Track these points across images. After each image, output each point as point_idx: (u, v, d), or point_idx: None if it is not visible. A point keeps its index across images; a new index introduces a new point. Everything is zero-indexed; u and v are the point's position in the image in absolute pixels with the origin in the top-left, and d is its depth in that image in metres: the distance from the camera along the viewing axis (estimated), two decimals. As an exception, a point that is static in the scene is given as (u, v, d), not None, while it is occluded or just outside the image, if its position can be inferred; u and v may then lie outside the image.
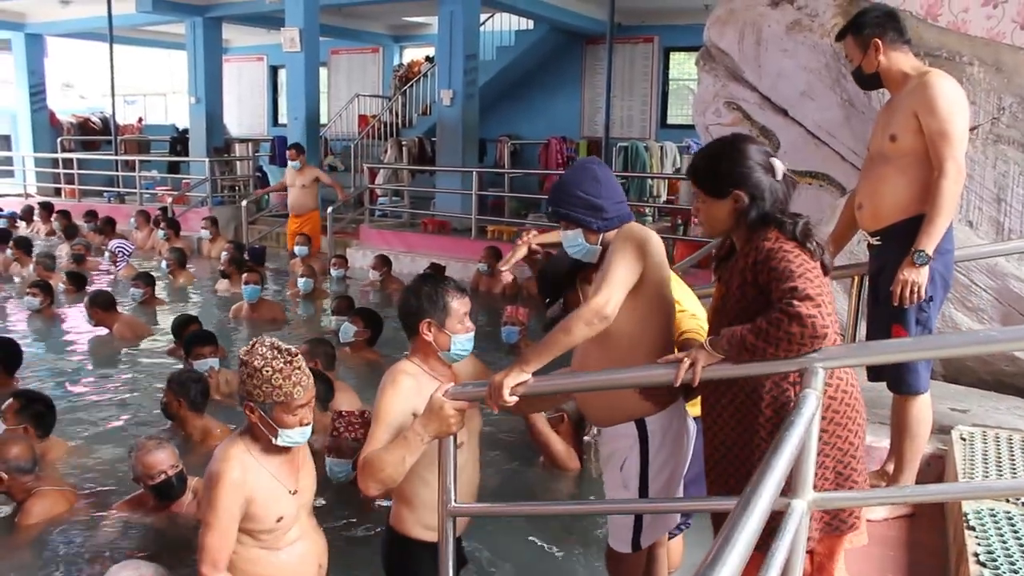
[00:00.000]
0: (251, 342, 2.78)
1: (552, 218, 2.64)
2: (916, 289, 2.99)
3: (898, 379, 3.14)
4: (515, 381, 2.36)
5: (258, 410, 2.70)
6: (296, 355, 2.75)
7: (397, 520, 2.80)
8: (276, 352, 2.71)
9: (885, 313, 3.14)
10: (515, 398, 2.37)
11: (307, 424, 2.79)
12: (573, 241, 2.60)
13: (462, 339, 2.71)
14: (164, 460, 3.70)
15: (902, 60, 3.16)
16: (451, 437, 2.53)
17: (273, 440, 2.75)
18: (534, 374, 2.40)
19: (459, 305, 2.70)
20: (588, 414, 2.80)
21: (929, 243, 2.97)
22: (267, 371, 2.67)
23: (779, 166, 2.32)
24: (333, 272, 9.93)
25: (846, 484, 2.33)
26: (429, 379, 2.67)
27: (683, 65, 15.67)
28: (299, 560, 2.90)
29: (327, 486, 3.97)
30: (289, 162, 10.72)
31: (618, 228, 2.56)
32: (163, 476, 3.69)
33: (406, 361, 2.75)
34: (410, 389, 2.64)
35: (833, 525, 2.38)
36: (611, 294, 2.35)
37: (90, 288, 8.61)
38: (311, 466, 3.02)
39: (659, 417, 2.61)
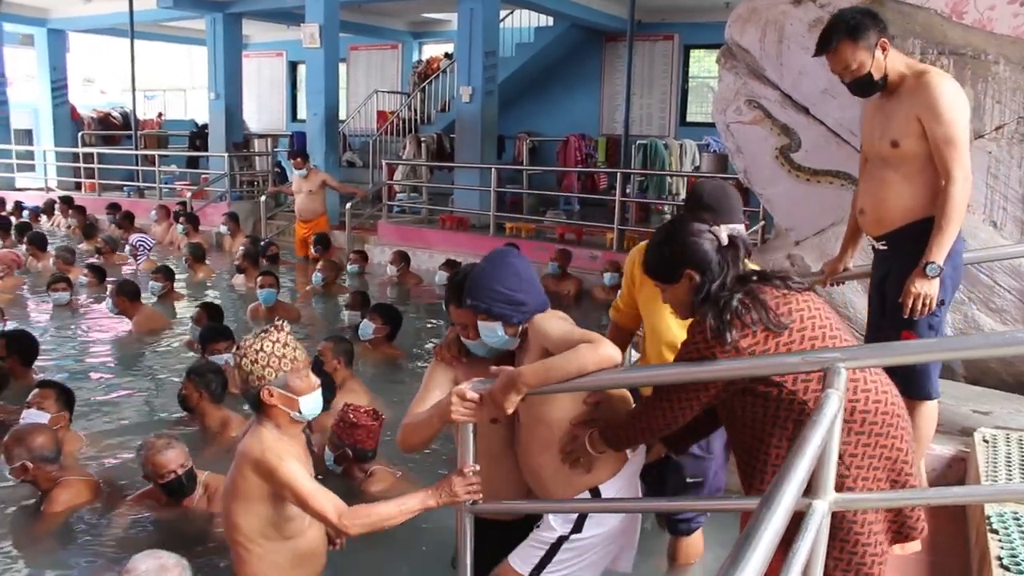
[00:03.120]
0: (235, 346, 2.89)
1: (471, 310, 2.65)
2: (928, 301, 2.94)
3: (914, 384, 3.06)
4: (516, 400, 2.41)
5: (276, 389, 2.82)
6: (279, 323, 2.90)
7: None
8: (263, 332, 2.87)
9: (895, 319, 3.08)
10: (512, 408, 2.44)
11: (317, 387, 2.92)
12: (492, 333, 2.64)
13: (468, 344, 2.79)
14: (173, 459, 3.72)
15: (897, 59, 3.07)
16: (469, 433, 2.55)
17: (295, 414, 2.87)
18: None
19: (453, 312, 2.78)
20: (541, 488, 2.75)
21: (940, 254, 2.92)
22: (268, 346, 2.82)
23: (723, 233, 2.32)
24: (350, 267, 9.96)
25: (900, 478, 2.30)
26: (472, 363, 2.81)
27: (703, 62, 15.59)
28: (314, 545, 3.07)
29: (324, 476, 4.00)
30: (295, 170, 10.73)
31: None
32: (172, 475, 3.71)
33: None
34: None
35: (903, 533, 2.34)
36: (606, 341, 2.43)
37: (110, 280, 8.68)
38: (311, 455, 3.19)
39: (615, 481, 2.67)
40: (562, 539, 2.65)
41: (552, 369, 2.40)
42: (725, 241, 2.31)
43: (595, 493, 2.63)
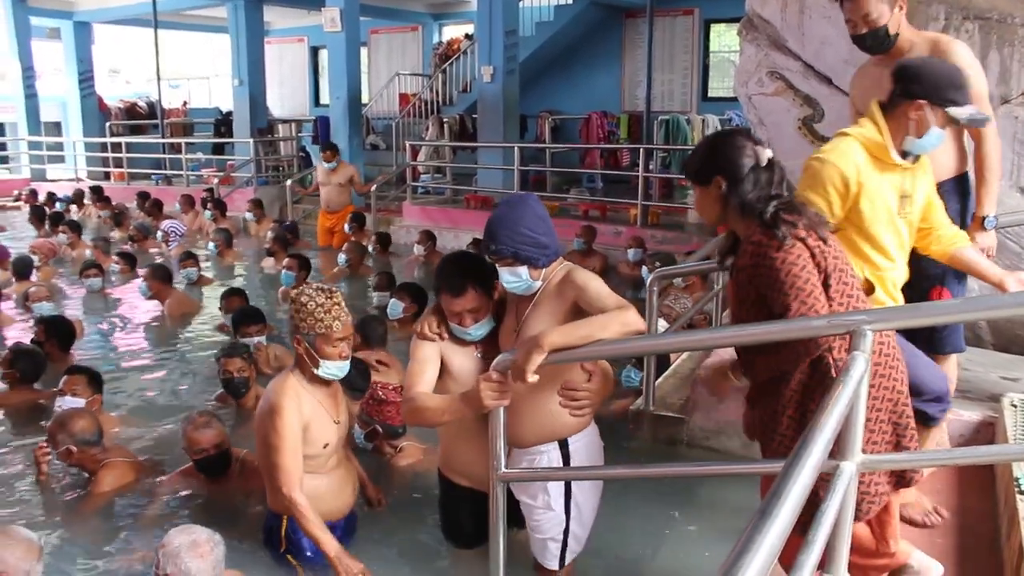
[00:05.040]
0: (300, 287, 3.21)
1: (495, 255, 2.68)
2: (991, 253, 3.04)
3: (942, 340, 3.15)
4: (537, 363, 2.43)
5: (304, 342, 3.19)
6: (335, 292, 3.22)
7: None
8: (319, 291, 3.19)
9: (923, 277, 3.12)
10: (536, 377, 2.46)
11: (345, 358, 3.25)
12: (516, 277, 2.68)
13: (456, 329, 2.88)
14: (208, 439, 3.82)
15: (906, 25, 3.11)
16: (501, 415, 2.61)
17: (315, 370, 3.20)
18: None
19: (445, 302, 2.84)
20: (516, 436, 2.83)
21: (992, 205, 3.05)
22: (311, 305, 3.14)
23: (763, 153, 2.34)
24: (372, 250, 10.02)
25: (906, 433, 2.35)
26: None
27: (724, 37, 15.46)
28: (339, 484, 3.42)
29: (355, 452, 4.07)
30: (324, 163, 10.77)
31: (554, 261, 2.72)
32: (204, 453, 3.83)
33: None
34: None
35: (906, 477, 2.40)
36: (633, 309, 2.48)
37: (140, 268, 8.81)
38: (346, 403, 3.52)
39: (582, 435, 2.81)
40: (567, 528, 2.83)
41: (576, 333, 2.44)
42: (764, 162, 2.33)
43: (563, 444, 2.79)
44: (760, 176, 2.31)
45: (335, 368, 3.24)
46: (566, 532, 2.85)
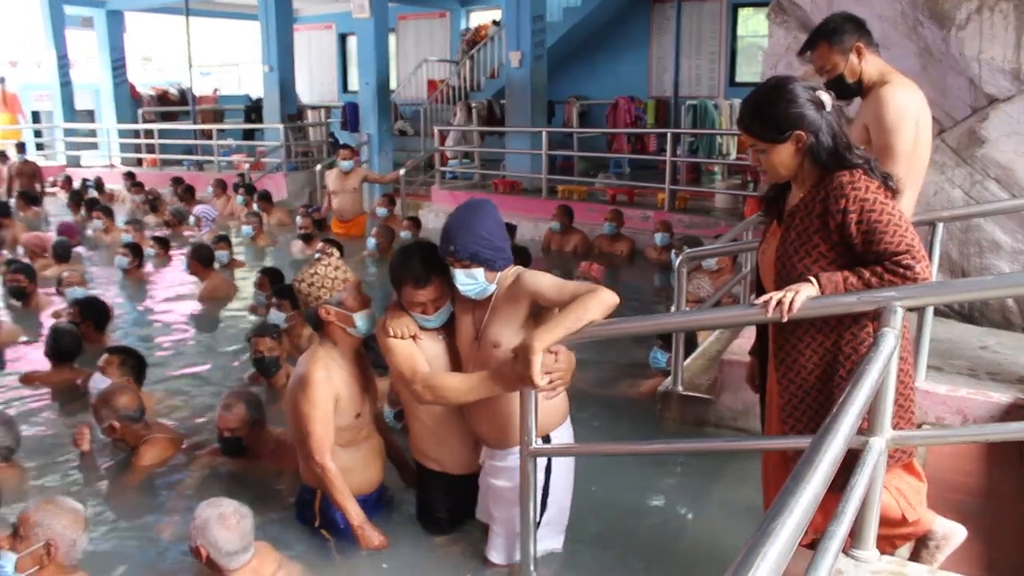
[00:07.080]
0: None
1: (453, 256, 2.73)
2: None
3: None
4: (539, 366, 2.48)
5: (332, 307, 3.20)
6: (330, 250, 3.23)
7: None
8: (317, 259, 3.30)
9: None
10: (548, 378, 2.54)
11: (369, 305, 3.27)
12: (472, 280, 2.74)
13: (418, 318, 2.98)
14: (232, 421, 3.89)
15: (873, 67, 3.15)
16: (532, 396, 2.65)
17: (351, 330, 3.22)
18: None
19: (408, 294, 2.94)
20: (491, 437, 2.91)
21: None
22: (321, 270, 3.22)
23: (827, 99, 2.33)
24: (403, 235, 10.09)
25: (906, 415, 2.37)
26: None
27: (751, 22, 15.32)
28: (369, 455, 3.45)
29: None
30: (340, 162, 10.31)
31: (508, 267, 2.78)
32: (226, 434, 3.92)
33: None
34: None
35: (895, 457, 2.40)
36: (603, 288, 2.56)
37: (174, 251, 8.97)
38: (374, 375, 3.54)
39: (563, 428, 2.88)
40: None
41: (563, 325, 2.50)
42: (829, 106, 2.32)
43: (546, 440, 2.82)
44: (832, 122, 2.31)
45: (368, 318, 3.24)
46: (536, 524, 2.84)
